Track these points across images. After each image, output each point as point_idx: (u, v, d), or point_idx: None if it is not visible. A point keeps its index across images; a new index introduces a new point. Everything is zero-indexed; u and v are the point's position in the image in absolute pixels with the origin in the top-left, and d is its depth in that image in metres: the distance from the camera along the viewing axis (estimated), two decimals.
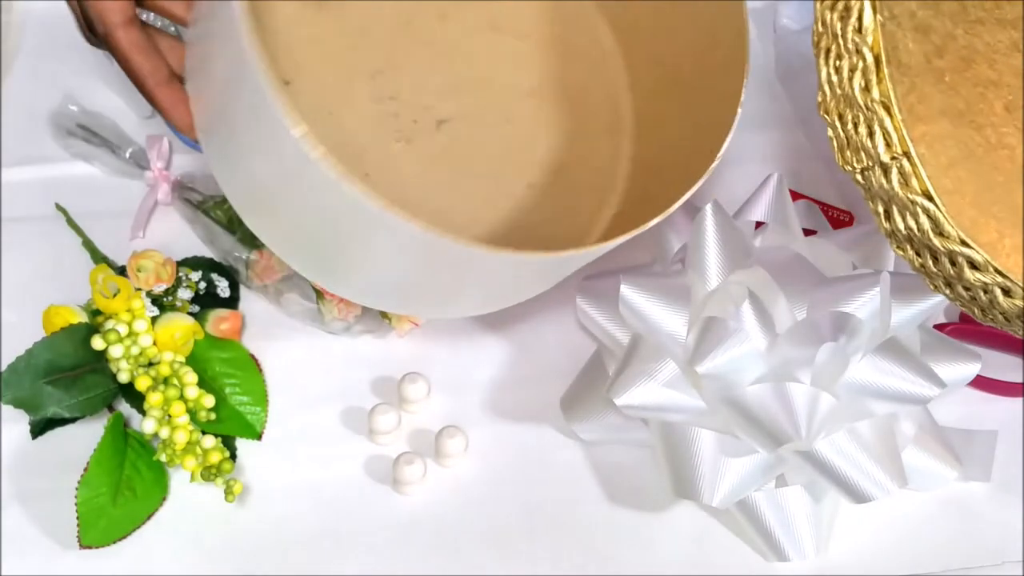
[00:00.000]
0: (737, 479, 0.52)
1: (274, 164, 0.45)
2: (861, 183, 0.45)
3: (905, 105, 0.42)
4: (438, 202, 0.54)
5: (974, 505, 0.58)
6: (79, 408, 0.55)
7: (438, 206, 0.54)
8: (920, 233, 0.44)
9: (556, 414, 0.58)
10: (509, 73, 0.57)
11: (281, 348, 0.61)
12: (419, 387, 0.58)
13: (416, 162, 0.55)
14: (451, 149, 0.55)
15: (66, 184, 0.63)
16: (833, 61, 0.44)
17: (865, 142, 0.43)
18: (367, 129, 0.55)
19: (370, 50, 0.56)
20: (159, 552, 0.55)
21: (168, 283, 0.58)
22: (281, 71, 0.55)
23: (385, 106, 0.55)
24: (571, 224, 0.51)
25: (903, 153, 0.43)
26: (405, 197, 0.53)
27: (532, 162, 0.56)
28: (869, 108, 0.43)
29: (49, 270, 0.61)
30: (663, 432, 0.53)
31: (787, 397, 0.50)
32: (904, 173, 0.43)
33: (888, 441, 0.53)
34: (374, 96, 0.55)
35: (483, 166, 0.55)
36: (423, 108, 0.55)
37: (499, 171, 0.55)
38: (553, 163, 0.56)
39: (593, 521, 0.57)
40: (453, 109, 0.56)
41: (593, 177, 0.57)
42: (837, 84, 0.44)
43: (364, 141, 0.55)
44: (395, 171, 0.54)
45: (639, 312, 0.53)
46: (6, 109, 0.64)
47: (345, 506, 0.57)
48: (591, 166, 0.57)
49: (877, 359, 0.51)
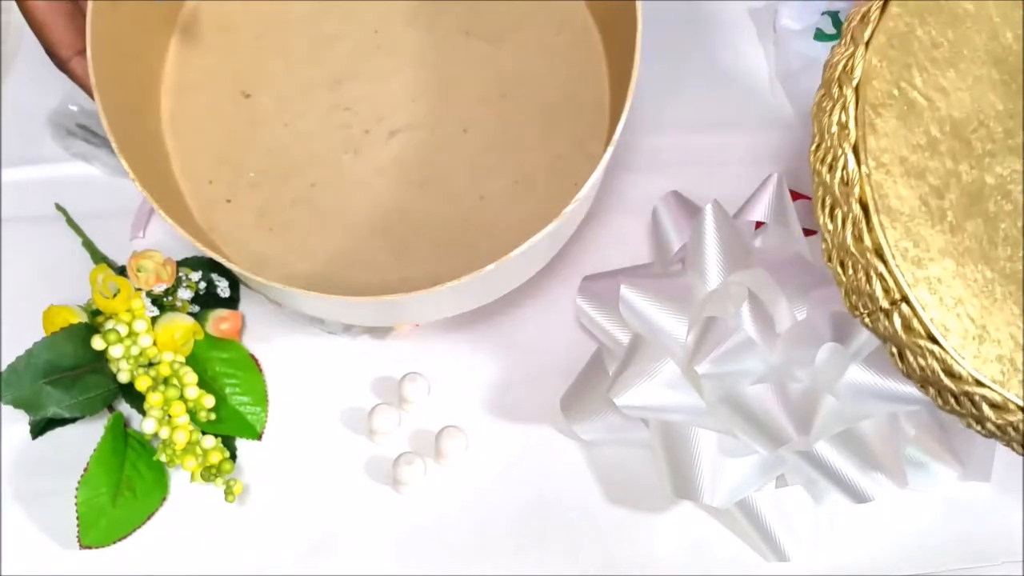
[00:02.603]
0: (737, 479, 0.52)
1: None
2: (869, 327, 0.45)
3: (899, 251, 0.42)
4: (381, 211, 0.54)
5: (974, 505, 0.58)
6: (79, 408, 0.55)
7: (378, 217, 0.54)
8: (933, 375, 0.43)
9: (556, 414, 0.58)
10: (474, 80, 0.57)
11: (281, 348, 0.61)
12: (419, 387, 0.58)
13: (362, 173, 0.55)
14: (400, 159, 0.55)
15: (66, 184, 0.63)
16: (828, 211, 0.44)
17: (865, 288, 0.43)
18: (319, 140, 0.56)
19: (334, 60, 0.57)
20: (159, 552, 0.56)
21: (168, 283, 0.58)
22: (243, 84, 0.57)
23: (339, 117, 0.56)
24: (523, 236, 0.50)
25: (901, 298, 0.42)
26: (346, 208, 0.55)
27: (487, 173, 0.55)
28: (864, 256, 0.43)
29: (49, 270, 0.61)
30: (663, 432, 0.53)
31: (787, 397, 0.50)
32: (905, 317, 0.42)
33: (888, 441, 0.53)
34: (330, 106, 0.56)
35: (431, 177, 0.55)
36: (377, 119, 0.56)
37: (448, 182, 0.55)
38: (513, 174, 0.55)
39: (593, 521, 0.57)
40: (407, 119, 0.56)
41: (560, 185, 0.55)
42: (834, 233, 0.44)
43: (316, 151, 0.56)
44: (340, 182, 0.55)
45: (639, 312, 0.53)
46: (6, 109, 0.64)
47: (345, 506, 0.57)
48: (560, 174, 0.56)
49: (877, 359, 0.51)
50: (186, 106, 0.56)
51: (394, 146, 0.56)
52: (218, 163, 0.56)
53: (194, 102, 0.57)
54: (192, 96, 0.57)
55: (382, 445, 0.59)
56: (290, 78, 0.57)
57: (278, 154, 0.56)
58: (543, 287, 0.62)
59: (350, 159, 0.55)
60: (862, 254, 0.43)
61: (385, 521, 0.57)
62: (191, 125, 0.56)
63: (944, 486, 0.57)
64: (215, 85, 0.57)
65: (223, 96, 0.57)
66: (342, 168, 0.55)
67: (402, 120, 0.56)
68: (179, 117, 0.56)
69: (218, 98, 0.57)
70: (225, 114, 0.56)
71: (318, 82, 0.57)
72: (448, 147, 0.56)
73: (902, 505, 0.58)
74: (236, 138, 0.56)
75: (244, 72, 0.57)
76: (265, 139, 0.56)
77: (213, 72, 0.57)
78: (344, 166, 0.55)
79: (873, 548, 0.57)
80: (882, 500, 0.52)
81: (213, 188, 0.55)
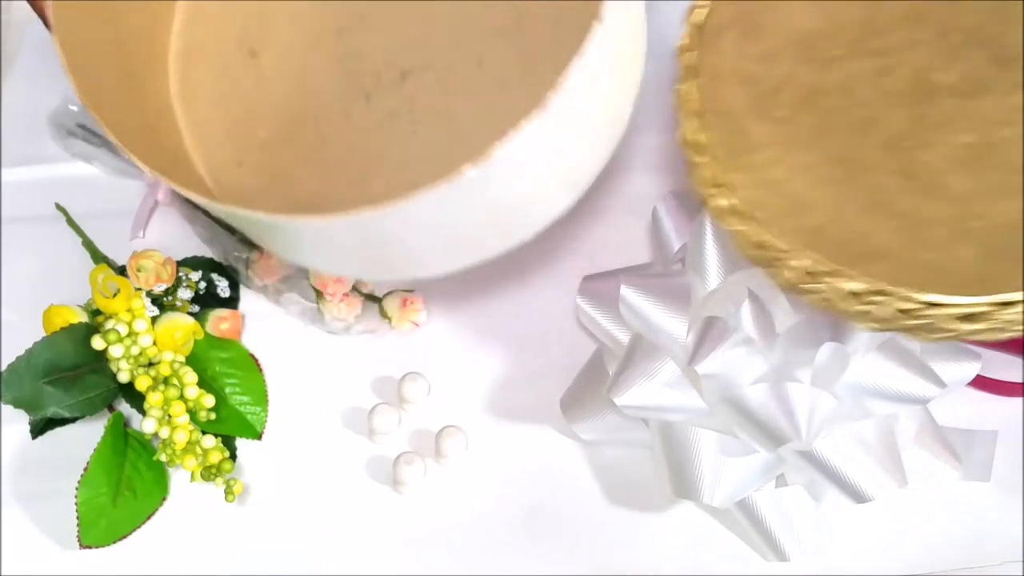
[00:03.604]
0: (737, 479, 0.52)
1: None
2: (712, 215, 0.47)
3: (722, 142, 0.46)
4: (395, 157, 0.52)
5: (974, 505, 0.58)
6: (79, 408, 0.55)
7: (393, 161, 0.52)
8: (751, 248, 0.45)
9: (556, 414, 0.58)
10: (484, 13, 0.53)
11: (281, 348, 0.61)
12: (419, 387, 0.58)
13: (375, 118, 0.53)
14: (415, 101, 0.53)
15: (66, 184, 0.63)
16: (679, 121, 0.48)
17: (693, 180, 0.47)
18: (329, 89, 0.54)
19: (339, 7, 0.55)
20: (159, 552, 0.56)
21: (168, 283, 0.58)
22: (250, 42, 0.55)
23: (347, 64, 0.54)
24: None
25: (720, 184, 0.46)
26: (359, 158, 0.51)
27: (507, 108, 0.52)
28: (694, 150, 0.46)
29: (49, 270, 0.61)
30: (663, 432, 0.53)
31: (787, 397, 0.50)
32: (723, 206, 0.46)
33: (888, 441, 0.53)
34: (338, 55, 0.54)
35: (450, 115, 0.52)
36: (386, 62, 0.53)
37: (468, 120, 0.52)
38: (532, 106, 0.53)
39: (593, 521, 0.57)
40: (419, 59, 0.53)
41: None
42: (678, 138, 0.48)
43: (326, 101, 0.53)
44: (353, 130, 0.53)
45: (639, 312, 0.53)
46: (6, 109, 0.64)
47: (345, 506, 0.57)
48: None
49: (877, 359, 0.51)
50: (194, 73, 0.55)
51: (407, 88, 0.53)
52: (228, 127, 0.54)
53: (203, 67, 0.55)
54: (200, 61, 0.55)
55: (382, 445, 0.59)
56: (296, 30, 0.55)
57: (287, 111, 0.54)
58: (543, 287, 0.62)
59: (361, 107, 0.53)
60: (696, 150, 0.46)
61: (385, 521, 0.57)
62: (200, 91, 0.55)
63: (944, 486, 0.57)
64: (222, 48, 0.55)
65: (230, 58, 0.55)
66: (351, 118, 0.53)
67: (413, 60, 0.53)
68: (188, 84, 0.55)
69: (226, 60, 0.55)
70: (233, 75, 0.55)
71: (324, 31, 0.54)
72: (464, 83, 0.53)
73: (902, 505, 0.58)
74: (245, 99, 0.54)
75: (250, 30, 0.55)
76: (273, 97, 0.54)
77: (219, 34, 0.55)
78: (355, 116, 0.53)
79: (873, 548, 0.57)
80: (882, 500, 0.52)
81: (224, 152, 0.53)
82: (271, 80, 0.54)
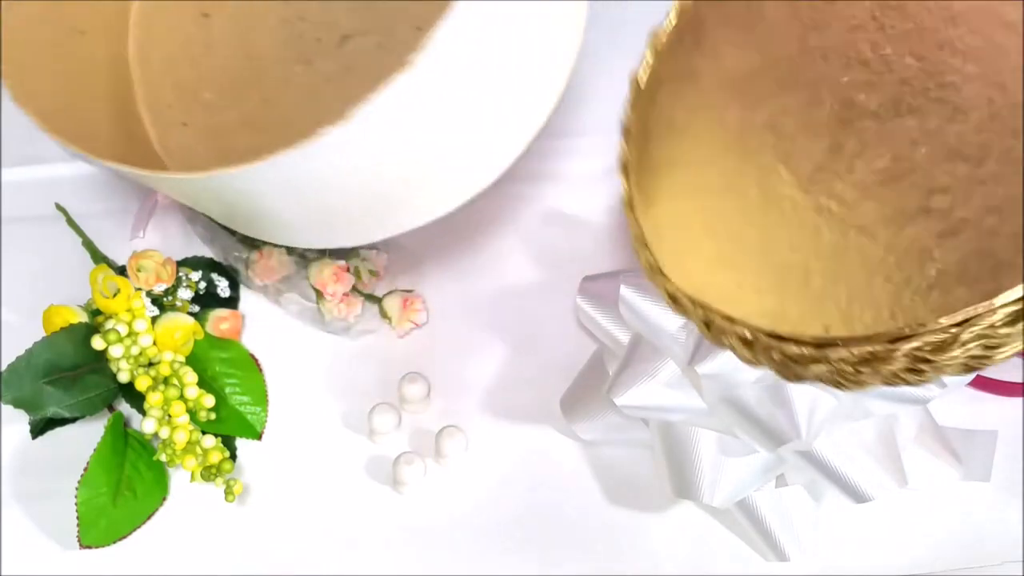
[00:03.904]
0: (737, 479, 0.52)
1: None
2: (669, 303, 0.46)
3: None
4: (334, 120, 0.49)
5: (974, 505, 0.58)
6: (79, 408, 0.55)
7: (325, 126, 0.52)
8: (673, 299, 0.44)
9: (556, 414, 0.58)
10: None
11: (281, 348, 0.61)
12: (419, 387, 0.58)
13: (315, 80, 0.53)
14: (353, 66, 0.53)
15: (66, 184, 0.63)
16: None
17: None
18: (272, 52, 0.54)
19: None
20: (159, 552, 0.56)
21: (168, 283, 0.58)
22: (204, 5, 0.56)
23: (292, 27, 0.54)
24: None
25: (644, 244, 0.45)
26: (295, 120, 0.52)
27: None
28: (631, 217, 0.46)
29: (49, 270, 0.61)
30: (663, 432, 0.53)
31: (787, 397, 0.50)
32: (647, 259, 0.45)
33: (888, 441, 0.53)
34: (283, 18, 0.55)
35: (383, 81, 0.49)
36: (327, 26, 0.54)
37: None
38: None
39: (593, 521, 0.57)
40: (359, 24, 0.53)
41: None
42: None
43: (267, 66, 0.54)
44: (293, 91, 0.53)
45: (639, 312, 0.53)
46: (6, 109, 0.64)
47: (345, 506, 0.57)
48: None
49: None
50: (151, 35, 0.56)
51: (346, 52, 0.54)
52: (176, 87, 0.55)
53: (158, 29, 0.56)
54: (157, 24, 0.56)
55: (382, 445, 0.59)
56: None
57: (231, 72, 0.55)
58: (543, 287, 0.62)
59: (301, 70, 0.54)
60: (628, 205, 0.46)
61: (385, 521, 0.57)
62: (154, 53, 0.56)
63: (944, 486, 0.57)
64: (179, 9, 0.56)
65: (185, 19, 0.56)
66: (292, 80, 0.54)
67: (354, 24, 0.54)
68: (144, 46, 0.56)
69: (181, 21, 0.56)
70: (185, 37, 0.56)
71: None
72: (402, 49, 0.50)
73: (902, 505, 0.58)
74: (194, 61, 0.55)
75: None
76: (220, 59, 0.55)
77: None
78: (295, 78, 0.54)
79: (873, 548, 0.57)
80: (882, 500, 0.52)
81: (171, 112, 0.54)
82: (219, 42, 0.55)
